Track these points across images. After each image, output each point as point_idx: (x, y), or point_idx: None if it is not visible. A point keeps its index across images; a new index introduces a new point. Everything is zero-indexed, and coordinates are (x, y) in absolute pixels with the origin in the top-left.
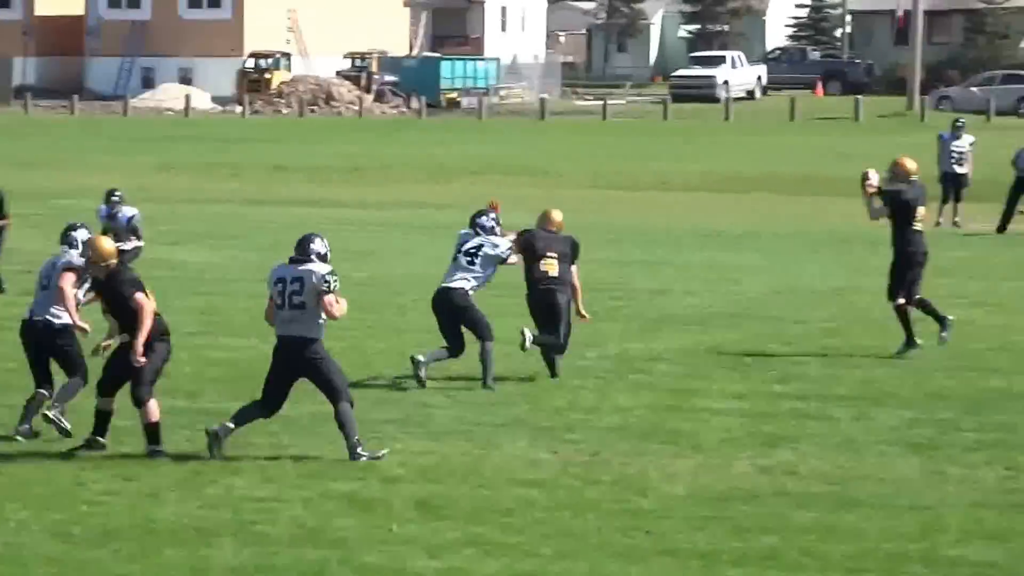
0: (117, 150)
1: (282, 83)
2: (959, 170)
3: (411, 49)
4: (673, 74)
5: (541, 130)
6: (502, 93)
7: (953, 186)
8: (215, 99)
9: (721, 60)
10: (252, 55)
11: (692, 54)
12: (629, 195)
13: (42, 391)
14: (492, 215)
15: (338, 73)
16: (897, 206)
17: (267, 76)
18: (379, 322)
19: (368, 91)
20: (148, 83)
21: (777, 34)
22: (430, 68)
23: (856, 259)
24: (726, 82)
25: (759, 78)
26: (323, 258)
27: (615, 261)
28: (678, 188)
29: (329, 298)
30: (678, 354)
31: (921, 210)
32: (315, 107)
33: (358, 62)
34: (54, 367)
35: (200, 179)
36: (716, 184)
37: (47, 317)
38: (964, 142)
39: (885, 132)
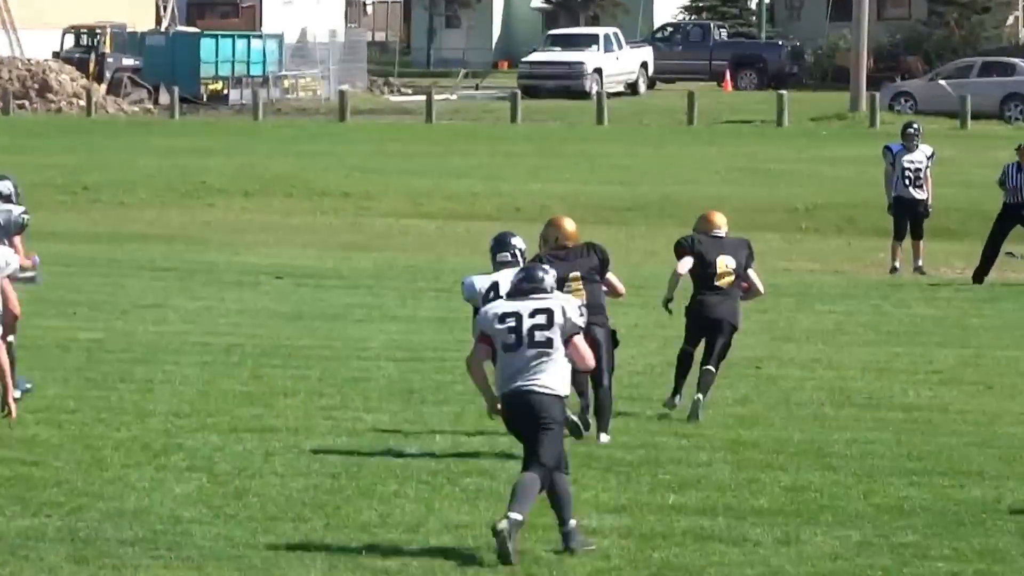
0: None
1: None
2: (916, 195)
3: (159, 22)
4: (525, 59)
5: (340, 135)
6: (286, 84)
7: (909, 216)
8: None
9: (591, 40)
10: None
11: (550, 32)
12: (465, 226)
13: None
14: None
15: (56, 55)
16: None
17: None
18: (118, 402)
19: (99, 80)
20: None
21: (668, 5)
22: (186, 48)
23: (781, 319)
24: (598, 70)
25: (644, 65)
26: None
27: (443, 318)
28: (530, 217)
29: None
30: None
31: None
32: (24, 101)
33: (84, 39)
34: None
35: None
36: (584, 213)
37: None
38: (920, 155)
39: (820, 142)
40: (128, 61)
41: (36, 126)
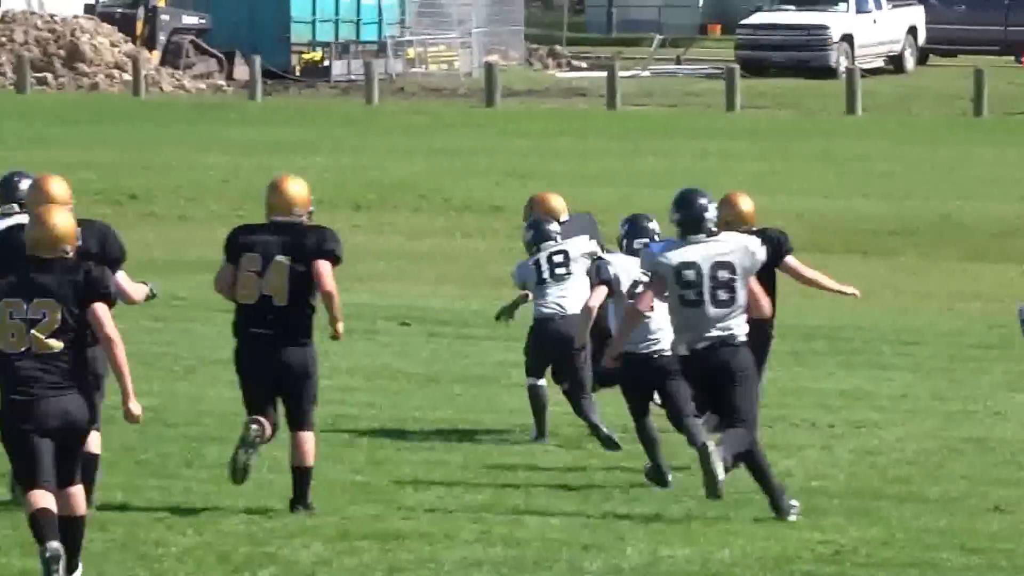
0: None
1: None
2: None
3: None
4: (744, 22)
5: (488, 125)
6: (411, 53)
7: None
8: None
9: None
10: None
11: None
12: None
13: None
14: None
15: (90, 10)
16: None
17: None
18: (183, 496)
19: (150, 45)
20: None
21: None
22: (271, 4)
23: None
24: (847, 38)
25: (912, 31)
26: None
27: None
28: None
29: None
30: None
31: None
32: (46, 73)
33: None
34: None
35: None
36: (829, 238)
37: None
38: None
39: None
40: (190, 20)
41: (63, 109)
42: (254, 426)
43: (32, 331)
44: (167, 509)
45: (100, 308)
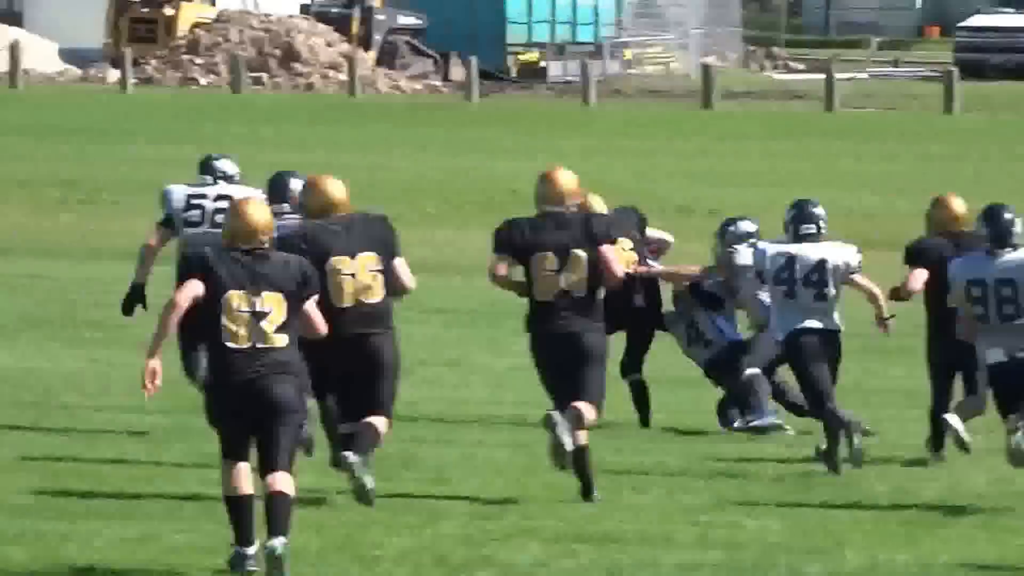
0: None
1: (197, 26)
2: None
3: None
4: (963, 24)
5: (702, 126)
6: (628, 54)
7: None
8: (68, 53)
9: None
10: None
11: None
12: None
13: None
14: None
15: (306, 10)
16: None
17: (166, 12)
18: (401, 498)
19: (366, 45)
20: None
21: None
22: (488, 4)
23: None
24: None
25: None
26: None
27: None
28: None
29: None
30: None
31: None
32: (261, 74)
33: None
34: None
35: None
36: None
37: None
38: None
39: None
40: (406, 20)
41: (278, 109)
42: (555, 414)
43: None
44: (384, 510)
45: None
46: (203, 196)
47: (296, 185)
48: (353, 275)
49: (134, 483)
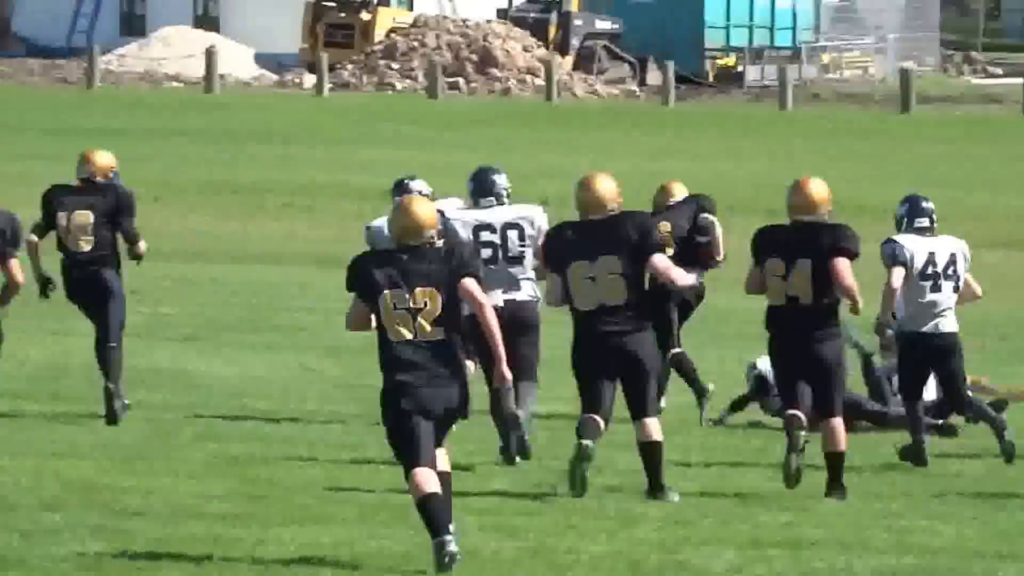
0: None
1: (393, 31)
2: None
3: None
4: None
5: (899, 132)
6: (825, 59)
7: None
8: (265, 58)
9: None
10: None
11: None
12: None
13: None
14: None
15: (503, 14)
16: None
17: (363, 17)
18: (595, 502)
19: (563, 50)
20: (132, 26)
21: None
22: (685, 7)
23: None
24: None
25: None
26: None
27: None
28: None
29: None
30: None
31: None
32: (458, 78)
33: None
34: None
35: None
36: None
37: None
38: None
39: None
40: (603, 25)
41: (474, 113)
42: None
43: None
44: (578, 514)
45: (470, 283)
46: None
47: (501, 180)
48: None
49: (327, 488)
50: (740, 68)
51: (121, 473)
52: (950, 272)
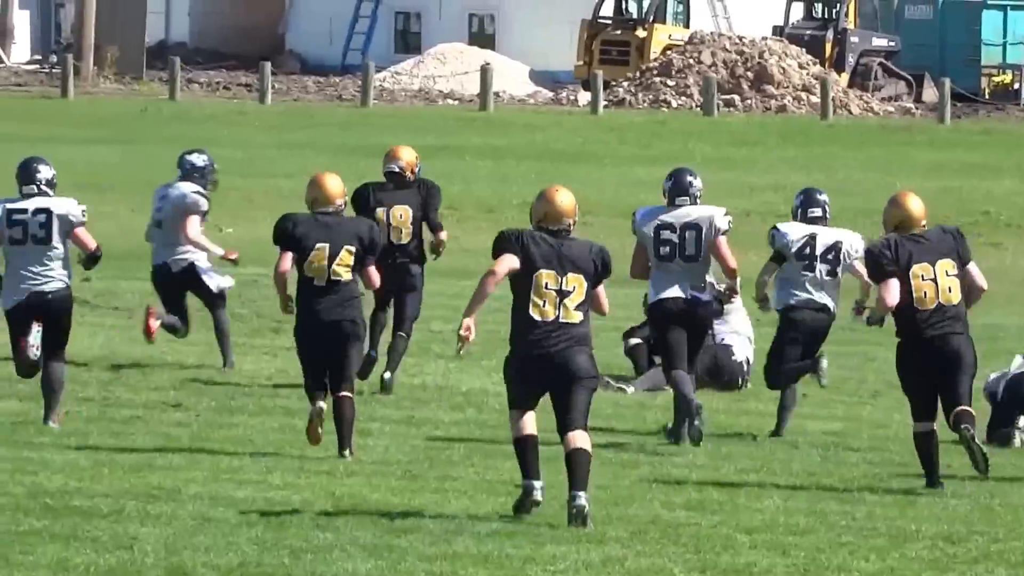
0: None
1: (669, 48)
2: None
3: None
4: None
5: None
6: None
7: None
8: (540, 75)
9: None
10: None
11: None
12: None
13: None
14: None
15: (779, 31)
16: None
17: (639, 35)
18: (881, 517)
19: (838, 67)
20: (408, 43)
21: None
22: (960, 24)
23: None
24: None
25: None
26: None
27: None
28: None
29: None
30: None
31: None
32: (733, 96)
33: (819, 10)
34: None
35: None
36: None
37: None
38: None
39: None
40: (880, 42)
41: (750, 130)
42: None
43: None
44: (851, 533)
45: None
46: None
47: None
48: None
49: (597, 506)
50: (1016, 85)
51: (391, 491)
52: (829, 257)
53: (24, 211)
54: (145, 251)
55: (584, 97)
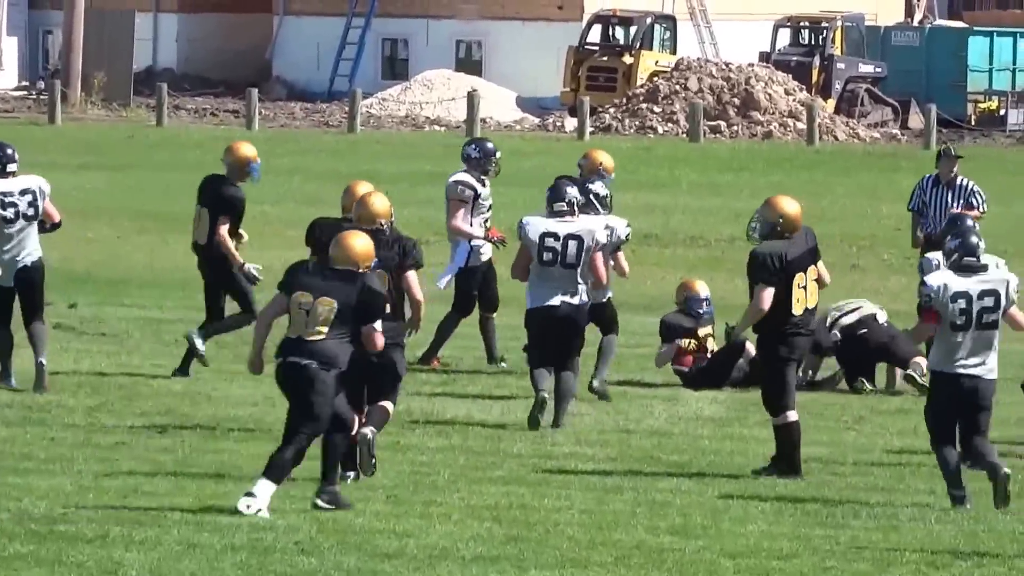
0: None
1: (655, 75)
2: None
3: (910, 14)
4: None
5: None
6: None
7: None
8: (527, 102)
9: None
10: (597, 18)
11: None
12: None
13: None
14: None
15: (766, 57)
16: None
17: (625, 61)
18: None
19: (824, 93)
20: (395, 70)
21: None
22: (946, 51)
23: None
24: None
25: None
26: None
27: None
28: None
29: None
30: None
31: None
32: (719, 122)
33: (805, 36)
34: None
35: None
36: None
37: None
38: None
39: None
40: (866, 68)
41: (736, 157)
42: None
43: None
44: (836, 559)
45: None
46: None
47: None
48: None
49: (583, 531)
50: (1002, 111)
51: (376, 516)
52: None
53: (11, 193)
54: (130, 277)
55: (571, 123)
